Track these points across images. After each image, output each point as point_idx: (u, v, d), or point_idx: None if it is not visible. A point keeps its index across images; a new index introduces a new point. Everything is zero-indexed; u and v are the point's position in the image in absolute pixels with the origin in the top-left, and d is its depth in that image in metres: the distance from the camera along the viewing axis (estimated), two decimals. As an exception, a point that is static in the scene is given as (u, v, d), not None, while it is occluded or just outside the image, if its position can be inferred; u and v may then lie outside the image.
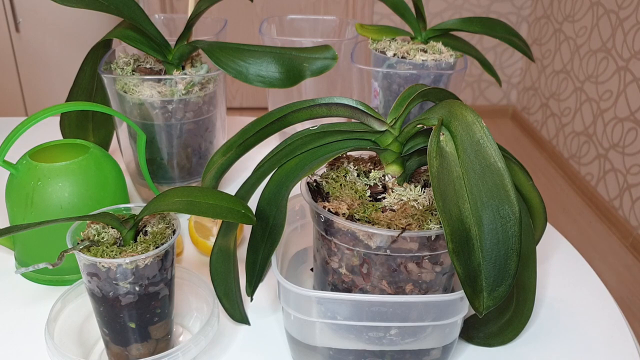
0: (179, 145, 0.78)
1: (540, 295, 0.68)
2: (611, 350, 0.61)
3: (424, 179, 0.56)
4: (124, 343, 0.54)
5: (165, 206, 0.49)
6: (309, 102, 0.54)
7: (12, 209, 0.66)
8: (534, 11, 2.84)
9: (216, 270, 0.59)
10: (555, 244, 0.78)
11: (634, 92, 2.10)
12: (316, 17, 1.04)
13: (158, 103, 0.73)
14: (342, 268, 0.54)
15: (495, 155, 0.45)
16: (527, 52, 0.86)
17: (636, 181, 2.09)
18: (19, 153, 0.68)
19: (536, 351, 0.61)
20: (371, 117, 0.53)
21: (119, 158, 0.81)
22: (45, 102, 2.21)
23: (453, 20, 0.85)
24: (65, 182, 0.64)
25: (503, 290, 0.45)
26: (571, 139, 2.52)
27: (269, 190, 0.54)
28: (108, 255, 0.49)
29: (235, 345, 0.61)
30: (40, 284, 0.69)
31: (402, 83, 0.81)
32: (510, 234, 0.44)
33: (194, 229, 0.74)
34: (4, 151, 0.64)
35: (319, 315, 0.52)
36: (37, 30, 2.12)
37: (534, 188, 0.55)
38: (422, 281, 0.52)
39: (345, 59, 0.89)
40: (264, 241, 0.54)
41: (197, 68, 0.77)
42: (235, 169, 0.60)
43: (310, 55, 0.77)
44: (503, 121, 3.05)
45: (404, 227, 0.49)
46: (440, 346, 0.56)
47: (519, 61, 2.98)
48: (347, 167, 0.56)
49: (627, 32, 2.13)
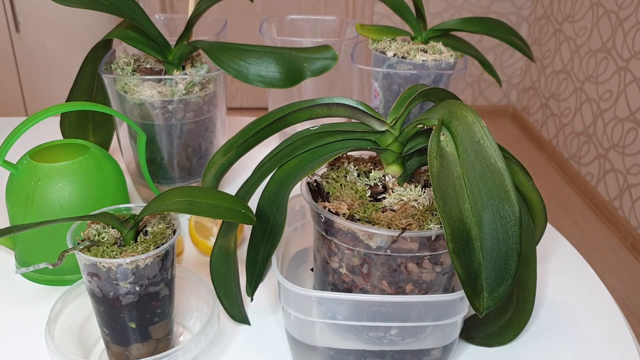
0: (179, 146, 0.78)
1: (540, 295, 0.68)
2: (611, 350, 0.61)
3: (424, 179, 0.56)
4: (124, 343, 0.54)
5: (166, 206, 0.49)
6: (309, 102, 0.54)
7: (12, 209, 0.66)
8: (534, 11, 2.84)
9: (216, 270, 0.59)
10: (555, 244, 0.78)
11: (634, 92, 2.10)
12: (316, 17, 1.04)
13: (158, 103, 0.73)
14: (342, 268, 0.54)
15: (495, 155, 0.45)
16: (527, 52, 0.86)
17: (636, 181, 2.09)
18: (19, 153, 0.68)
19: (536, 351, 0.61)
20: (371, 117, 0.53)
21: (119, 158, 0.81)
22: (45, 102, 2.22)
23: (453, 20, 0.85)
24: (66, 182, 0.64)
25: (503, 291, 0.45)
26: (571, 139, 2.53)
27: (269, 190, 0.54)
28: (108, 255, 0.49)
29: (235, 345, 0.61)
30: (40, 284, 0.69)
31: (402, 83, 0.81)
32: (510, 234, 0.44)
33: (194, 229, 0.74)
34: (4, 151, 0.64)
35: (319, 315, 0.52)
36: (37, 30, 2.12)
37: (534, 188, 0.55)
38: (423, 281, 0.52)
39: (345, 59, 0.89)
40: (264, 241, 0.54)
41: (198, 68, 0.77)
42: (236, 169, 0.60)
43: (310, 55, 0.77)
44: (503, 121, 3.05)
45: (404, 227, 0.49)
46: (440, 346, 0.56)
47: (519, 61, 2.98)
48: (347, 167, 0.56)
49: (627, 32, 2.13)
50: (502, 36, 0.85)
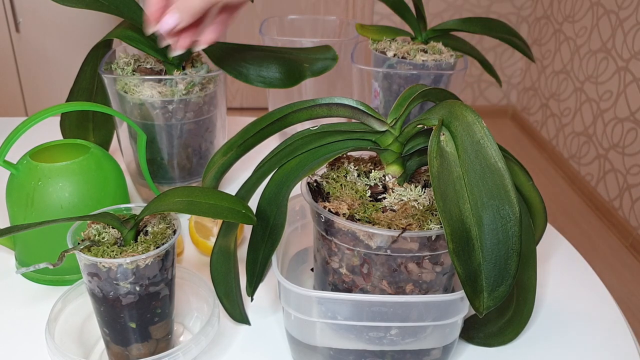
0: (179, 146, 0.78)
1: (540, 295, 0.68)
2: (611, 350, 0.61)
3: (425, 179, 0.56)
4: (124, 343, 0.54)
5: (166, 206, 0.49)
6: (309, 102, 0.54)
7: (12, 209, 0.66)
8: (534, 11, 2.84)
9: (216, 270, 0.59)
10: (555, 244, 0.78)
11: (634, 92, 2.10)
12: (316, 17, 1.04)
13: (158, 103, 0.73)
14: (342, 268, 0.54)
15: (495, 155, 0.45)
16: (527, 52, 0.86)
17: (636, 181, 2.09)
18: (19, 153, 0.68)
19: (536, 351, 0.61)
20: (371, 117, 0.53)
21: (119, 158, 0.81)
22: (45, 102, 2.21)
23: (453, 20, 0.85)
24: (66, 182, 0.64)
25: (503, 291, 0.45)
26: (571, 139, 2.53)
27: (270, 190, 0.54)
28: (108, 255, 0.49)
29: (235, 345, 0.61)
30: (40, 284, 0.69)
31: (403, 83, 0.81)
32: (510, 234, 0.44)
33: (194, 229, 0.74)
34: (4, 151, 0.64)
35: (320, 315, 0.52)
36: (37, 30, 2.11)
37: (534, 188, 0.55)
38: (423, 281, 0.52)
39: (345, 59, 0.89)
40: (264, 241, 0.54)
41: (198, 68, 0.77)
42: (236, 169, 0.60)
43: (310, 55, 0.77)
44: (503, 121, 3.05)
45: (404, 227, 0.49)
46: (440, 346, 0.56)
47: (519, 61, 2.98)
48: (347, 167, 0.56)
49: (627, 32, 2.13)
50: (502, 36, 0.85)
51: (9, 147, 0.64)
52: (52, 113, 0.65)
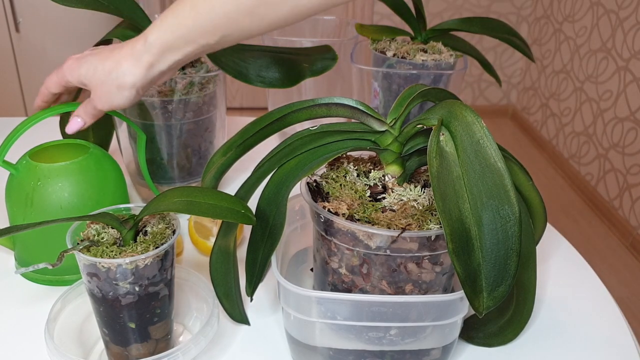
0: (178, 146, 0.78)
1: (540, 295, 0.68)
2: (611, 350, 0.61)
3: (424, 179, 0.56)
4: (123, 343, 0.54)
5: (165, 206, 0.49)
6: (308, 102, 0.54)
7: (12, 209, 0.66)
8: (534, 11, 2.84)
9: (216, 271, 0.59)
10: (555, 244, 0.78)
11: (634, 92, 2.10)
12: (316, 17, 1.04)
13: (158, 103, 0.73)
14: (342, 268, 0.53)
15: (495, 155, 0.45)
16: (527, 52, 0.86)
17: (636, 181, 2.09)
18: (19, 153, 0.68)
19: (536, 351, 0.61)
20: (371, 117, 0.53)
21: (119, 158, 0.81)
22: (45, 102, 2.21)
23: (453, 20, 0.85)
24: (65, 182, 0.64)
25: (503, 290, 0.45)
26: (571, 139, 2.52)
27: (269, 190, 0.54)
28: (108, 255, 0.49)
29: (235, 345, 0.61)
30: (40, 284, 0.69)
31: (402, 83, 0.81)
32: (510, 234, 0.44)
33: (193, 229, 0.73)
34: (4, 151, 0.64)
35: (319, 316, 0.52)
36: (37, 30, 2.12)
37: (534, 188, 0.55)
38: (422, 281, 0.52)
39: (345, 59, 0.89)
40: (263, 241, 0.54)
41: (197, 68, 0.77)
42: (235, 169, 0.60)
43: (310, 55, 0.77)
44: (503, 121, 3.05)
45: (403, 227, 0.49)
46: (440, 346, 0.56)
47: (519, 61, 2.98)
48: (347, 167, 0.56)
49: (627, 32, 2.13)
50: (502, 36, 0.85)
51: (8, 147, 0.64)
52: (52, 113, 0.65)
